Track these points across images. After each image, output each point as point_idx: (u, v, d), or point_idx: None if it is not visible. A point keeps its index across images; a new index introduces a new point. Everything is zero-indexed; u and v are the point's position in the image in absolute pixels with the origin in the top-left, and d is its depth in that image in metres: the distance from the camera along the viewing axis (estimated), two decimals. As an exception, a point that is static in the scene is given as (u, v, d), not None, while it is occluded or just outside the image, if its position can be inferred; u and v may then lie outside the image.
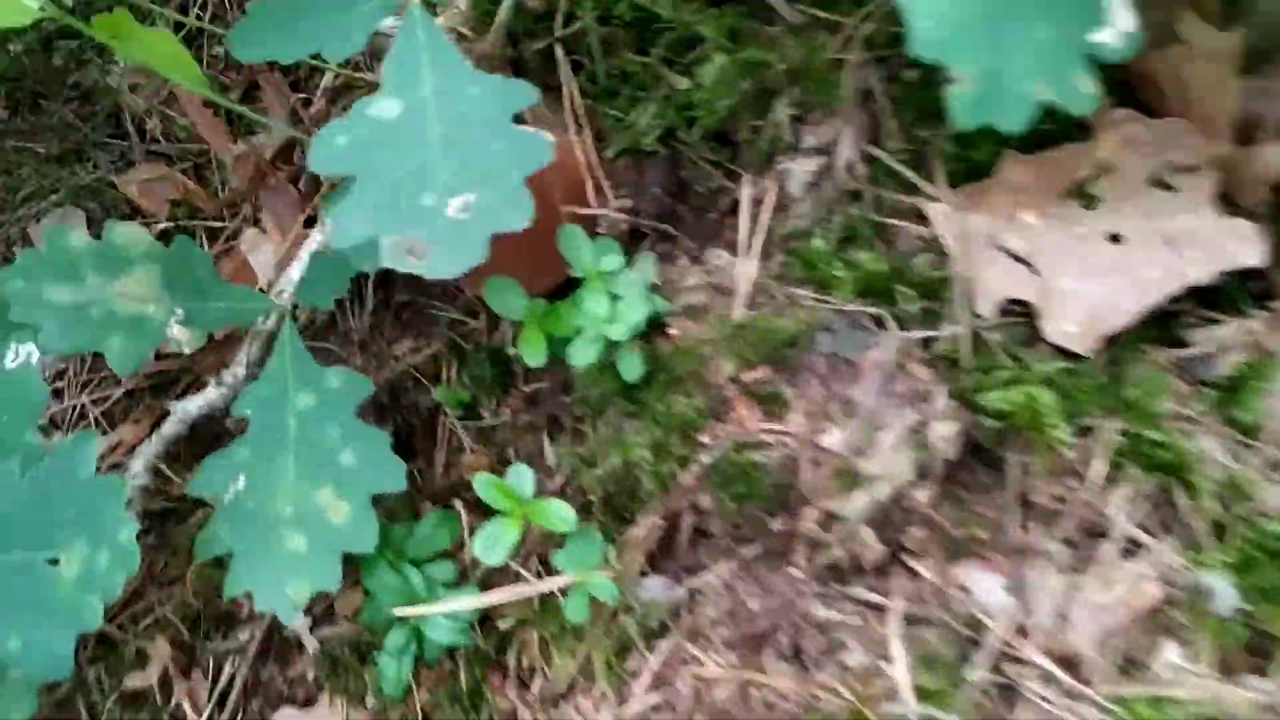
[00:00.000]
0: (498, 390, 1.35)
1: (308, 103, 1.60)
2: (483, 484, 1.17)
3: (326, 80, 1.54)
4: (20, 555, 1.05)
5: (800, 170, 1.14)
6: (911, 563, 1.07)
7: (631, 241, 1.23)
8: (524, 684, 1.19)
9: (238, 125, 1.69)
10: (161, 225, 1.65)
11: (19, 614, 1.03)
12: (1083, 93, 0.85)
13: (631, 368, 1.08)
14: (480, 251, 0.90)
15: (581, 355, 1.05)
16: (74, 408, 1.63)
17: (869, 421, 1.05)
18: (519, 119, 0.96)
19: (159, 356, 1.61)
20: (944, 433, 1.04)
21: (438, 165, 0.93)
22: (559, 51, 1.25)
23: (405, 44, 1.00)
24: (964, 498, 1.06)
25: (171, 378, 1.61)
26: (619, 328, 1.04)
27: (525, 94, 0.97)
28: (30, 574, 1.04)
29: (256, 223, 1.64)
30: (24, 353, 1.17)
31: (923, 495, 1.07)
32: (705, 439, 1.09)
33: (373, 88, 1.06)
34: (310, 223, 1.54)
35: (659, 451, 1.10)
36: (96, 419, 1.61)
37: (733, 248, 1.22)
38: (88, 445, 1.06)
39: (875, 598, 1.06)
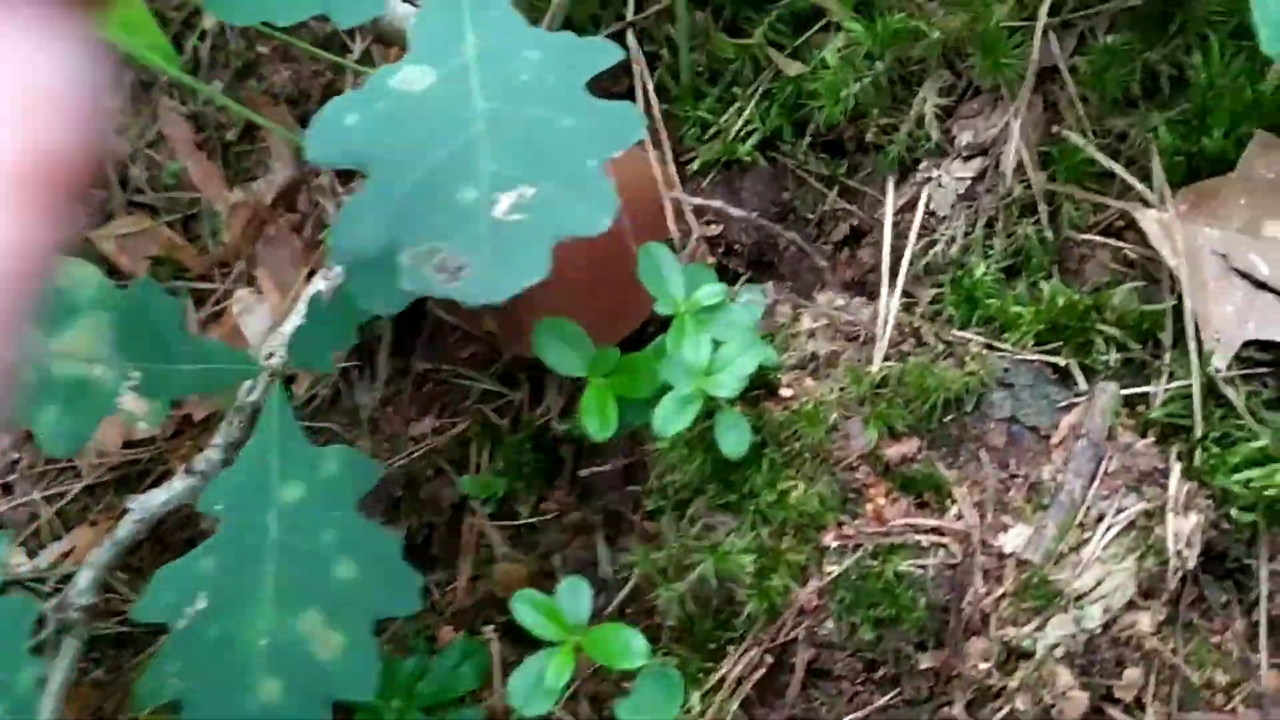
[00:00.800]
0: (540, 480, 1.16)
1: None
2: (522, 604, 0.91)
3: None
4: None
5: (951, 177, 0.89)
6: (1123, 718, 0.84)
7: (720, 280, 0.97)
8: None
9: (234, 170, 1.45)
10: (140, 287, 1.40)
11: None
12: None
13: (735, 439, 0.79)
14: (539, 265, 0.66)
15: (670, 420, 0.76)
16: (25, 505, 1.36)
17: (1071, 514, 0.75)
18: (596, 88, 0.70)
19: (128, 444, 1.35)
20: (1183, 530, 0.74)
21: (482, 149, 0.70)
22: (631, 41, 1.05)
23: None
24: (1196, 624, 0.79)
25: (142, 469, 1.34)
26: (725, 381, 0.75)
27: (603, 53, 0.73)
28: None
29: (251, 281, 1.39)
30: (-75, 425, 0.89)
31: (1146, 621, 0.78)
32: (831, 540, 0.86)
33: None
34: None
35: (766, 558, 0.88)
36: (50, 520, 1.36)
37: (852, 288, 0.95)
38: (-15, 547, 0.77)
39: (1075, 768, 0.84)
